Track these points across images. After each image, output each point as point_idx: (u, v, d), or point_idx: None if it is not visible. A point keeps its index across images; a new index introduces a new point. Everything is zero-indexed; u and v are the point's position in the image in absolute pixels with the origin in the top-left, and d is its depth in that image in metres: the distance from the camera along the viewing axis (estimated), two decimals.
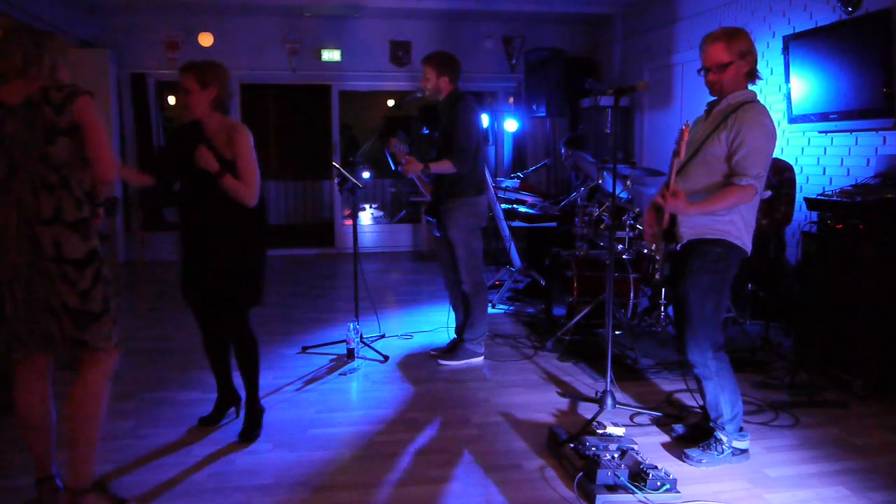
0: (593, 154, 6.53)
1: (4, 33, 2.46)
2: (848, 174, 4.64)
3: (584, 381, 4.00)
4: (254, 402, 3.29)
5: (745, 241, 2.87)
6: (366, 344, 4.55)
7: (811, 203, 4.19)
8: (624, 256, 4.60)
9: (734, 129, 2.77)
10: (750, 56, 2.84)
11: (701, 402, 3.16)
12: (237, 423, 3.35)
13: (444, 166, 4.05)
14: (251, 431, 3.23)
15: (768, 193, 4.41)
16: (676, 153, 2.85)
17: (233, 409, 3.46)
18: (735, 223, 2.84)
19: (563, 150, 6.38)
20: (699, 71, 2.94)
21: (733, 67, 2.82)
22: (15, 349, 2.41)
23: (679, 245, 2.92)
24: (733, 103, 2.85)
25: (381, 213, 10.31)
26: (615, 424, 3.11)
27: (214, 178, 2.99)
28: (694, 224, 2.87)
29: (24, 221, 2.32)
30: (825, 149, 4.89)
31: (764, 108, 2.84)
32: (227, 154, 3.05)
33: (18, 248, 2.32)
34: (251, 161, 3.07)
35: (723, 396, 2.92)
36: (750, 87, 2.91)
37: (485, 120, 8.22)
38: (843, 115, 4.56)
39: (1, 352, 2.43)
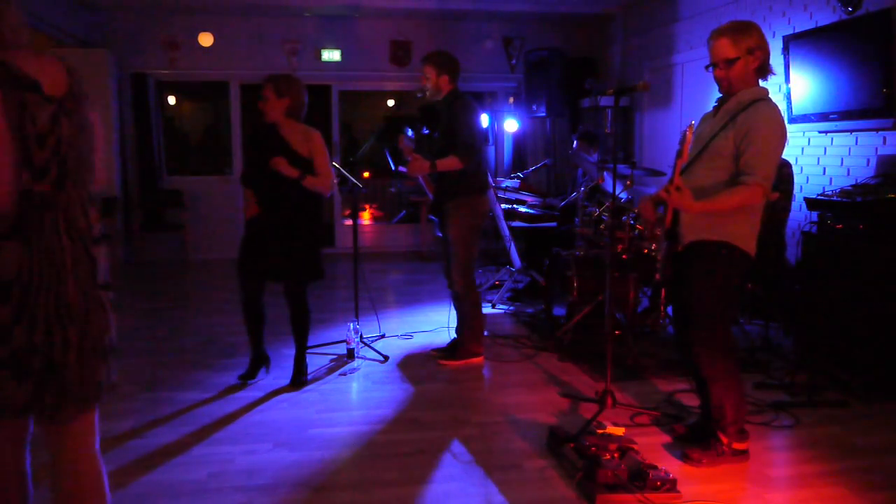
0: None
1: None
2: (848, 174, 4.64)
3: (584, 381, 4.00)
4: (302, 356, 3.95)
5: (749, 244, 2.81)
6: (366, 344, 4.55)
7: (811, 203, 4.19)
8: (624, 256, 4.59)
9: (743, 129, 2.68)
10: (759, 52, 2.74)
11: (701, 402, 3.16)
12: (236, 423, 3.37)
13: (451, 162, 4.05)
14: (299, 378, 3.89)
15: (776, 195, 4.38)
16: (680, 154, 2.76)
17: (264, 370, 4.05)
18: (739, 224, 2.78)
19: (574, 144, 6.38)
20: (707, 67, 2.86)
21: (740, 63, 2.74)
22: (64, 409, 1.85)
23: (681, 246, 2.88)
24: (744, 101, 2.76)
25: (381, 214, 10.33)
26: (615, 424, 3.10)
27: (293, 179, 3.60)
28: (697, 225, 2.82)
29: (81, 243, 1.88)
30: (825, 149, 4.89)
31: (775, 106, 2.75)
32: (303, 153, 3.67)
33: (76, 275, 1.84)
34: (327, 158, 3.73)
35: (728, 399, 2.90)
36: (762, 82, 2.83)
37: (485, 120, 8.22)
38: (843, 115, 4.56)
39: (47, 415, 1.85)
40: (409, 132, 4.39)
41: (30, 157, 1.80)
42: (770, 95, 2.84)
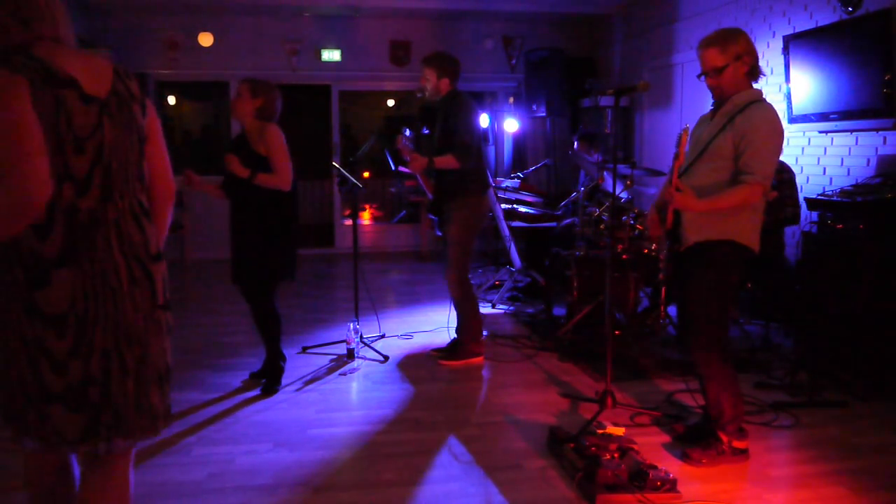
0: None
1: None
2: (848, 174, 4.64)
3: (584, 381, 3.99)
4: (272, 361, 3.87)
5: (752, 240, 2.85)
6: (366, 344, 4.55)
7: (811, 203, 4.20)
8: (624, 256, 4.59)
9: (741, 131, 2.74)
10: (747, 56, 2.81)
11: (701, 402, 3.16)
12: (236, 423, 3.37)
13: (448, 161, 4.05)
14: (271, 386, 3.79)
15: (775, 194, 4.40)
16: (677, 156, 2.82)
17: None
18: (741, 223, 2.81)
19: (575, 145, 6.37)
20: (699, 76, 2.93)
21: (730, 70, 2.80)
22: (115, 442, 1.73)
23: (684, 246, 2.91)
24: (739, 103, 2.81)
25: (380, 213, 10.34)
26: (615, 424, 3.11)
27: (245, 180, 3.53)
28: (699, 225, 2.85)
29: (136, 260, 1.72)
30: (825, 149, 4.89)
31: (770, 107, 2.81)
32: (261, 150, 3.59)
33: (134, 296, 1.70)
34: (282, 155, 3.60)
35: (725, 396, 2.92)
36: (754, 84, 2.89)
37: (484, 120, 8.22)
38: (843, 115, 4.56)
39: (100, 448, 1.73)
40: (408, 132, 4.37)
41: (66, 164, 1.63)
42: (765, 96, 2.89)
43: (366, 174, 11.46)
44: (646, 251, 4.54)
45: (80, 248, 1.64)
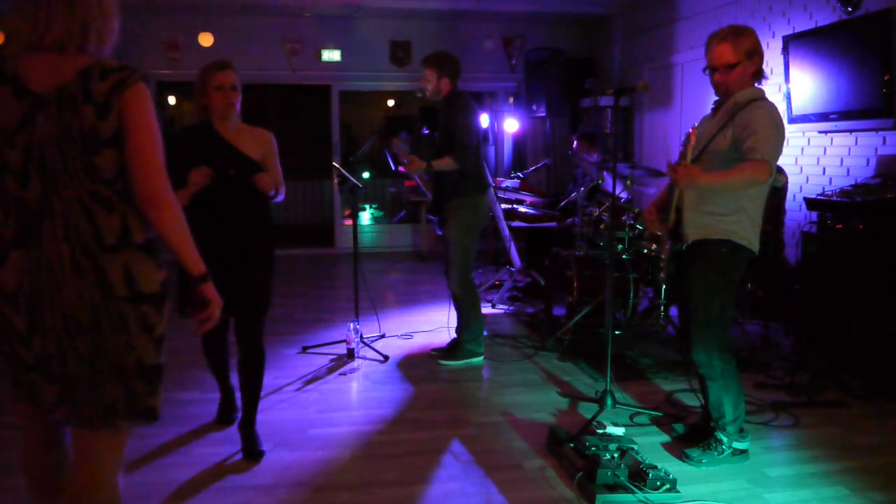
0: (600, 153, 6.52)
1: None
2: (848, 174, 4.64)
3: (584, 381, 4.00)
4: (254, 418, 3.12)
5: (752, 240, 2.84)
6: (366, 344, 4.55)
7: (811, 203, 4.19)
8: (624, 256, 4.59)
9: (741, 124, 2.72)
10: (757, 56, 2.80)
11: (702, 402, 3.16)
12: (236, 423, 3.34)
13: (446, 163, 4.05)
14: (255, 448, 3.03)
15: (783, 180, 4.44)
16: (683, 156, 2.81)
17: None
18: (741, 223, 2.80)
19: (574, 145, 6.36)
20: (704, 70, 2.90)
21: (740, 68, 2.78)
22: (74, 422, 1.78)
23: (684, 245, 2.91)
24: (741, 101, 2.80)
25: (381, 213, 10.33)
26: (615, 424, 3.11)
27: (250, 189, 2.99)
28: (699, 224, 2.85)
29: (82, 250, 1.71)
30: (825, 149, 4.89)
31: (772, 104, 2.79)
32: (255, 155, 3.08)
33: (77, 286, 1.70)
34: (278, 163, 3.19)
35: (727, 398, 2.92)
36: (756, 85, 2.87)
37: (485, 120, 8.22)
38: (843, 115, 4.56)
39: (61, 423, 1.83)
40: (404, 135, 4.39)
41: (3, 157, 1.70)
42: (767, 96, 2.87)
43: (365, 174, 11.45)
44: (645, 251, 4.53)
45: (29, 234, 1.72)
